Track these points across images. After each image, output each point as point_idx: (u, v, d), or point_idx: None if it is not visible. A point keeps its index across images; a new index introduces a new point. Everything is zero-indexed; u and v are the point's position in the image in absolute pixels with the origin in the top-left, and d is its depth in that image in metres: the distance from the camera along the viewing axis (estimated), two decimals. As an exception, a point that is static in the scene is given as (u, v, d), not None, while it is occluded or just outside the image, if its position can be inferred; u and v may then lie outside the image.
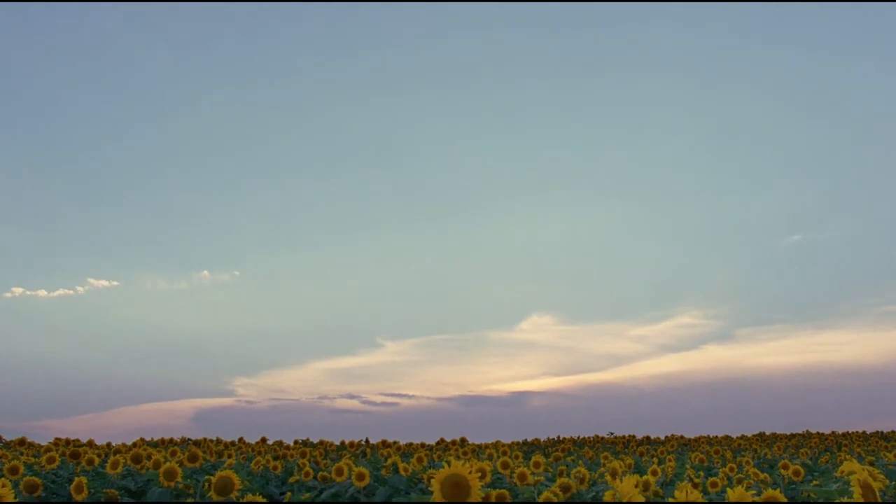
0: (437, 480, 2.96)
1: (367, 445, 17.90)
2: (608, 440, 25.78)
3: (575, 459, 14.47)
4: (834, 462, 14.45)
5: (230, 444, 16.32)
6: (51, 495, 8.35)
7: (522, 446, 22.80)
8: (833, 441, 24.27)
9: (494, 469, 8.97)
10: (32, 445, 14.56)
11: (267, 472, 11.19)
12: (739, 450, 19.75)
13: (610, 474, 8.53)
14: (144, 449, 10.92)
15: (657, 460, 13.21)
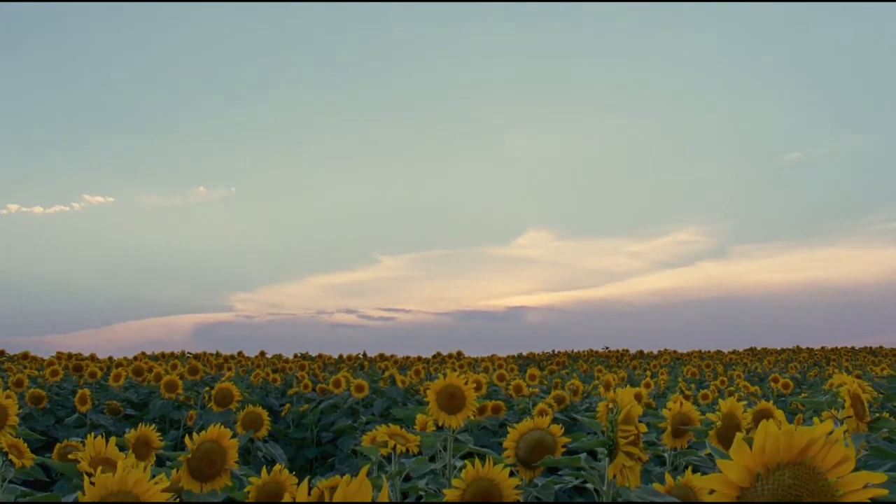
0: (433, 391, 2.98)
1: (365, 359, 18.21)
2: (602, 354, 26.24)
3: (569, 372, 14.74)
4: (822, 376, 14.73)
5: (230, 357, 16.57)
6: (55, 407, 8.50)
7: (518, 360, 23.22)
8: (822, 356, 24.73)
9: (490, 381, 9.13)
10: (35, 359, 14.75)
11: (266, 384, 11.38)
12: (731, 364, 20.13)
13: (603, 387, 8.70)
14: (146, 362, 11.06)
15: (650, 374, 13.46)
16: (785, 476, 1.01)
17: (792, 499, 1.00)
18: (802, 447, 1.03)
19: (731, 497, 1.02)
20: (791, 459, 1.03)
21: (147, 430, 3.48)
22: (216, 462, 2.66)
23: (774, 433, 1.03)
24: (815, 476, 1.03)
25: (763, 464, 1.03)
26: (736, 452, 1.03)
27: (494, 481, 2.34)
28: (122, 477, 1.72)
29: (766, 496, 1.00)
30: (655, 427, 3.88)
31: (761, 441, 1.03)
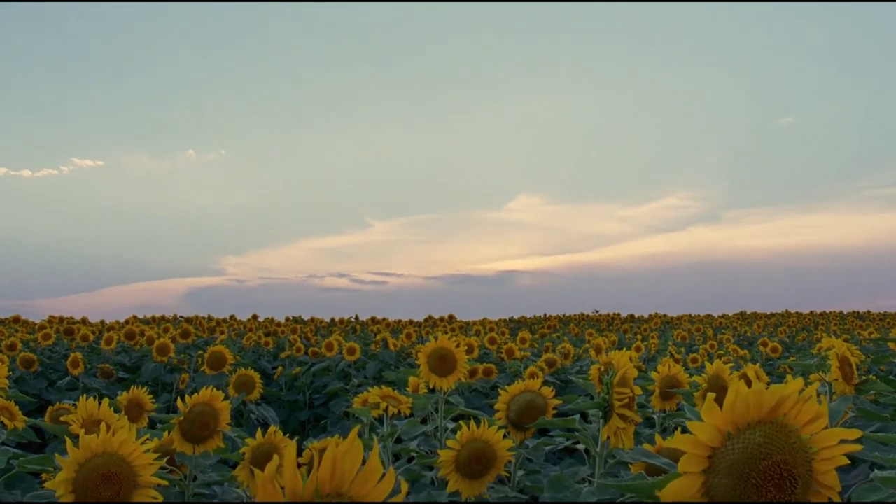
0: (424, 353, 2.98)
1: (357, 322, 18.25)
2: (593, 318, 26.39)
3: (560, 336, 14.83)
4: (811, 340, 14.86)
5: (222, 321, 16.58)
6: (48, 370, 8.50)
7: (509, 323, 23.34)
8: (810, 320, 24.94)
9: (482, 345, 9.17)
10: (27, 323, 14.72)
11: (259, 347, 11.41)
12: (720, 328, 20.28)
13: (594, 350, 8.75)
14: (137, 326, 11.06)
15: (640, 337, 13.55)
16: (755, 434, 1.01)
17: (762, 457, 0.99)
18: (773, 405, 1.03)
19: (702, 457, 1.01)
20: (762, 418, 1.03)
21: (139, 392, 3.48)
22: (208, 424, 2.66)
23: (744, 392, 1.02)
24: (787, 434, 1.02)
25: (733, 423, 1.02)
26: (706, 413, 1.02)
27: (489, 442, 2.35)
28: (107, 438, 1.71)
29: (737, 455, 1.00)
30: (645, 389, 3.91)
31: (731, 400, 1.02)
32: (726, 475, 1.01)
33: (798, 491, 1.00)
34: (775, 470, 0.99)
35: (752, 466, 1.00)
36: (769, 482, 0.99)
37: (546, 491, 2.15)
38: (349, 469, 0.83)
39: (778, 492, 0.99)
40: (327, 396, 7.50)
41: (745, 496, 1.00)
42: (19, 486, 2.93)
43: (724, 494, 1.01)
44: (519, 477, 2.92)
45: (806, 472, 1.03)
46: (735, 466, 1.00)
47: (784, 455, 1.00)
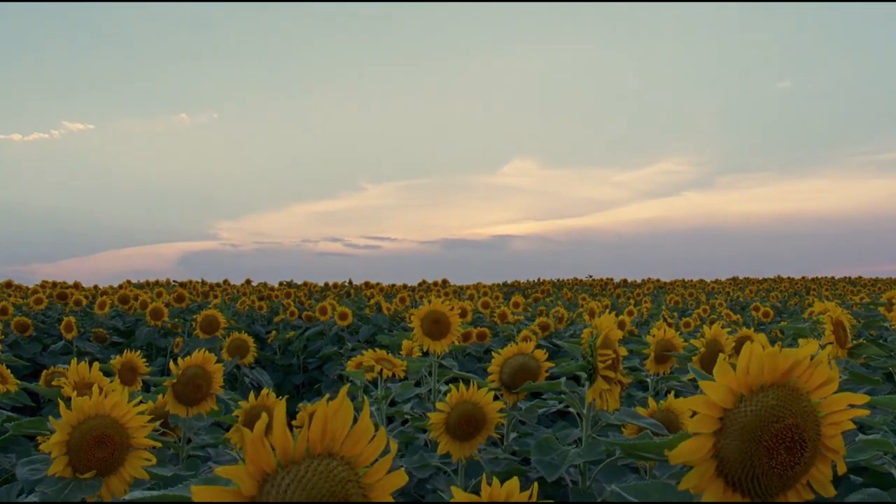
0: (417, 317, 2.98)
1: (351, 286, 18.27)
2: (586, 283, 26.47)
3: (554, 300, 14.88)
4: (802, 305, 14.95)
5: (215, 285, 16.56)
6: (41, 335, 8.50)
7: (503, 288, 23.38)
8: (802, 286, 25.06)
9: (475, 309, 9.19)
10: (20, 288, 14.69)
11: (252, 311, 11.42)
12: (713, 293, 20.37)
13: (588, 314, 8.79)
14: (131, 290, 11.05)
15: (633, 302, 13.61)
16: (769, 397, 1.01)
17: (775, 420, 0.99)
18: (786, 369, 1.03)
19: (714, 418, 1.01)
20: (775, 381, 1.03)
21: (133, 356, 3.48)
22: (201, 387, 2.66)
23: (759, 355, 1.02)
24: (799, 397, 1.02)
25: (747, 385, 1.02)
26: (720, 374, 1.02)
27: (479, 404, 2.36)
28: (100, 400, 1.71)
29: (750, 417, 1.00)
30: (639, 353, 3.92)
31: (745, 362, 1.02)
32: (738, 437, 1.00)
33: (807, 454, 1.00)
34: (787, 433, 0.99)
35: (764, 429, 0.99)
36: (780, 445, 0.99)
37: (533, 453, 2.16)
38: (340, 428, 0.83)
39: (788, 455, 0.99)
40: (321, 360, 7.53)
41: (756, 458, 1.00)
42: (14, 449, 2.94)
43: (734, 456, 1.01)
44: (511, 439, 2.94)
45: (815, 435, 1.03)
46: (747, 428, 1.00)
47: (796, 418, 1.00)
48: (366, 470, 0.86)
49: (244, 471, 0.76)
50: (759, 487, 1.02)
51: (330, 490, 0.80)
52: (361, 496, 0.84)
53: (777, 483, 1.02)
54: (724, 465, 1.02)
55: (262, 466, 0.78)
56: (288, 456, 0.80)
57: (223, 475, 0.75)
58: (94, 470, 1.71)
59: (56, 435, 1.70)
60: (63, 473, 1.71)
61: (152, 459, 1.81)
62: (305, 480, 0.79)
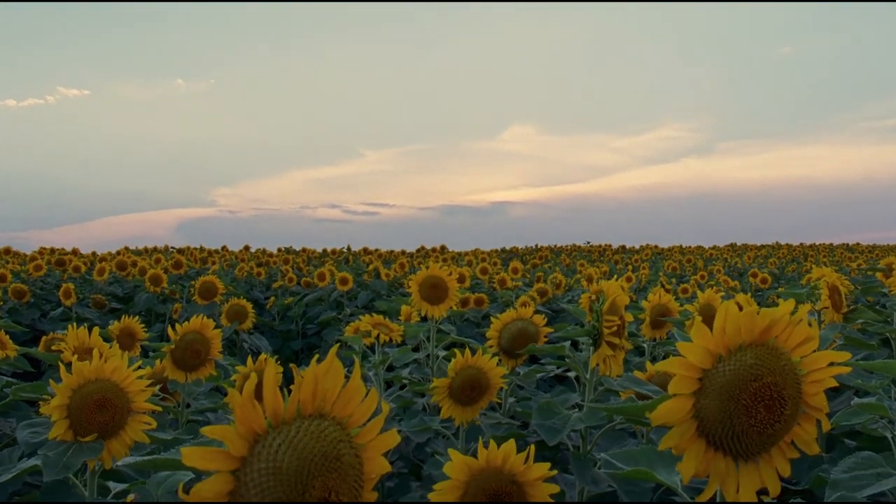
0: (415, 281, 2.98)
1: (349, 252, 18.27)
2: (584, 249, 26.48)
3: (552, 266, 14.90)
4: (800, 271, 14.99)
5: (213, 252, 16.56)
6: (40, 301, 8.51)
7: (501, 254, 23.38)
8: (800, 252, 25.10)
9: (474, 275, 9.20)
10: (18, 255, 14.67)
11: (251, 278, 11.44)
12: (711, 259, 20.40)
13: (586, 280, 8.80)
14: (129, 257, 11.04)
15: (631, 268, 13.63)
16: (746, 356, 1.01)
17: (753, 378, 0.99)
18: (764, 327, 1.02)
19: (692, 379, 1.02)
20: (753, 340, 1.03)
21: (131, 321, 3.48)
22: (200, 352, 2.66)
23: (735, 314, 1.02)
24: (778, 356, 1.02)
25: (724, 345, 1.02)
26: (696, 335, 1.02)
27: (483, 370, 2.37)
28: (100, 365, 1.71)
29: (728, 376, 1.00)
30: (636, 318, 3.94)
31: (721, 322, 1.02)
32: (717, 397, 1.01)
33: (787, 412, 1.01)
34: (765, 391, 0.99)
35: (742, 388, 1.00)
36: (759, 403, 0.99)
37: (534, 417, 2.17)
38: (331, 389, 0.82)
39: (768, 413, 0.99)
40: (320, 326, 7.56)
41: (735, 417, 1.00)
42: (15, 414, 2.96)
43: (714, 415, 1.01)
44: (510, 404, 2.96)
45: (795, 393, 1.03)
46: (726, 388, 1.00)
47: (774, 377, 1.00)
48: (358, 430, 0.86)
49: (234, 431, 0.76)
50: (739, 446, 1.03)
51: (321, 450, 0.79)
52: (354, 456, 0.84)
53: (758, 441, 1.03)
54: (705, 426, 1.03)
55: (253, 427, 0.77)
56: (278, 417, 0.80)
57: (212, 436, 0.74)
58: (94, 433, 1.71)
59: (57, 398, 1.70)
60: (64, 437, 1.72)
61: (152, 423, 1.82)
62: (297, 441, 0.79)
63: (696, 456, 1.03)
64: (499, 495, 1.45)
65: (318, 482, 0.78)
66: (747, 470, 1.05)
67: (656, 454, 1.37)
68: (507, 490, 1.45)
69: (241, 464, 0.78)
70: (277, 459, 0.77)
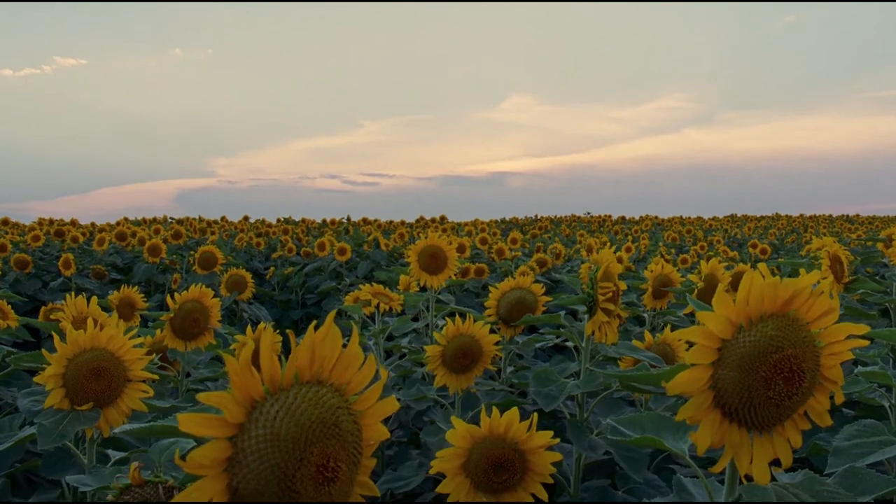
0: (414, 251, 2.96)
1: (349, 223, 18.24)
2: (584, 219, 26.45)
3: (552, 237, 14.89)
4: (800, 242, 14.98)
5: (213, 222, 16.53)
6: (41, 272, 8.50)
7: (501, 224, 23.36)
8: (800, 223, 25.08)
9: (473, 245, 9.20)
10: (17, 225, 14.65)
11: (250, 248, 11.43)
12: (711, 230, 20.39)
13: (586, 250, 8.80)
14: (128, 227, 11.03)
15: (631, 238, 13.62)
16: (768, 327, 1.00)
17: (774, 350, 0.98)
18: (787, 298, 1.01)
19: (712, 349, 1.00)
20: (774, 311, 1.01)
21: (130, 291, 3.48)
22: (199, 321, 2.66)
23: (759, 284, 1.00)
24: (798, 327, 1.01)
25: (746, 315, 1.00)
26: (718, 304, 1.00)
27: (475, 337, 2.36)
28: (95, 333, 1.70)
29: (748, 347, 0.99)
30: (636, 289, 3.93)
31: (745, 292, 1.00)
32: (736, 367, 1.00)
33: (805, 384, 1.00)
34: (785, 363, 0.98)
35: (762, 359, 0.99)
36: (779, 375, 0.98)
37: (531, 384, 2.17)
38: (328, 355, 0.81)
39: (786, 385, 0.98)
40: (319, 296, 7.56)
41: (753, 388, 0.99)
42: (16, 383, 2.97)
43: (732, 387, 1.00)
44: (508, 372, 2.96)
45: (814, 365, 1.02)
46: (745, 359, 0.99)
47: (795, 349, 0.99)
48: (356, 397, 0.85)
49: (230, 397, 0.75)
50: (756, 417, 1.02)
51: (319, 416, 0.79)
52: (352, 423, 0.83)
53: (774, 413, 1.02)
54: (722, 396, 1.02)
55: (250, 393, 0.76)
56: (276, 383, 0.79)
57: (208, 402, 0.73)
58: (91, 402, 1.71)
59: (51, 367, 1.69)
60: (60, 405, 1.71)
61: (150, 392, 1.81)
62: (294, 407, 0.78)
63: (711, 426, 1.02)
64: (501, 462, 1.46)
65: (317, 449, 0.78)
66: (761, 441, 1.04)
67: (663, 421, 1.36)
68: (509, 457, 1.46)
69: (239, 431, 0.77)
70: (275, 426, 0.77)
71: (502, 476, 1.45)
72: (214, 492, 0.74)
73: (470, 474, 1.46)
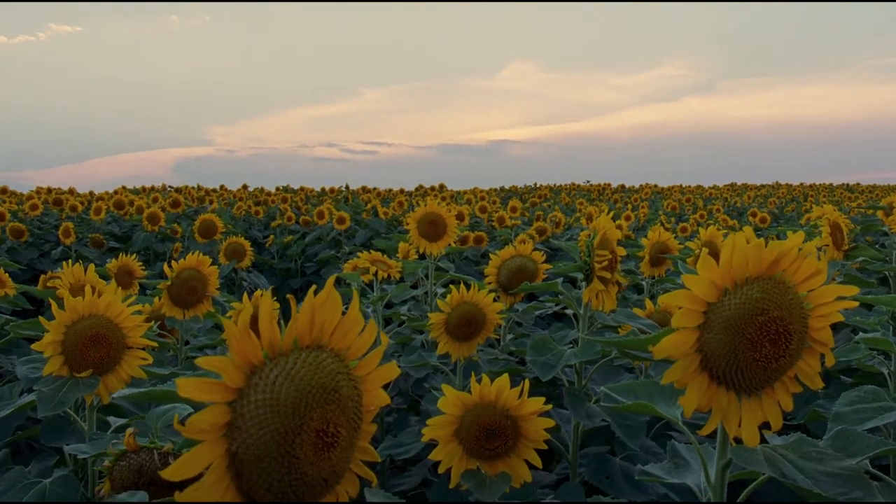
0: (413, 218, 2.95)
1: (348, 191, 18.18)
2: (584, 188, 26.38)
3: (551, 205, 14.86)
4: (799, 211, 14.96)
5: (211, 191, 16.47)
6: (39, 241, 8.49)
7: (500, 193, 23.29)
8: (800, 192, 25.02)
9: (473, 213, 9.17)
10: (15, 194, 14.60)
11: (249, 217, 11.40)
12: (710, 199, 20.35)
13: (585, 219, 8.78)
14: (126, 196, 10.99)
15: (631, 207, 13.59)
16: (753, 290, 0.99)
17: (759, 313, 0.98)
18: (772, 260, 1.00)
19: (697, 312, 1.00)
20: (760, 273, 1.01)
21: (129, 259, 3.47)
22: (197, 289, 2.65)
23: (743, 247, 0.99)
24: (785, 289, 1.01)
25: (731, 278, 1.00)
26: (703, 267, 0.99)
27: (479, 305, 2.36)
28: (93, 300, 1.69)
29: (734, 310, 0.98)
30: (635, 257, 3.92)
31: (728, 255, 0.99)
32: (722, 330, 0.99)
33: (792, 346, 0.99)
34: (771, 326, 0.98)
35: (748, 322, 0.98)
36: (764, 338, 0.98)
37: (529, 353, 2.17)
38: (328, 320, 0.80)
39: (773, 347, 0.98)
40: (319, 264, 7.56)
41: (739, 351, 0.99)
42: (15, 351, 2.97)
43: (718, 350, 1.00)
44: (508, 340, 2.96)
45: (801, 328, 1.01)
46: (731, 322, 0.99)
47: (781, 311, 0.99)
48: (356, 362, 0.84)
49: (230, 362, 0.74)
50: (743, 380, 1.02)
51: (319, 382, 0.78)
52: (352, 388, 0.82)
53: (762, 376, 1.02)
54: (708, 359, 1.02)
55: (249, 358, 0.76)
56: (275, 348, 0.78)
57: (206, 366, 0.72)
58: (90, 369, 1.71)
59: (49, 334, 1.69)
60: (59, 372, 1.71)
61: (149, 359, 1.81)
62: (294, 372, 0.77)
63: (698, 390, 1.02)
64: (493, 429, 1.46)
65: (317, 414, 0.77)
66: (750, 404, 1.04)
67: (657, 388, 1.36)
68: (501, 424, 1.45)
69: (238, 396, 0.76)
70: (275, 391, 0.76)
71: (494, 443, 1.45)
72: (213, 457, 0.73)
73: (462, 441, 1.46)
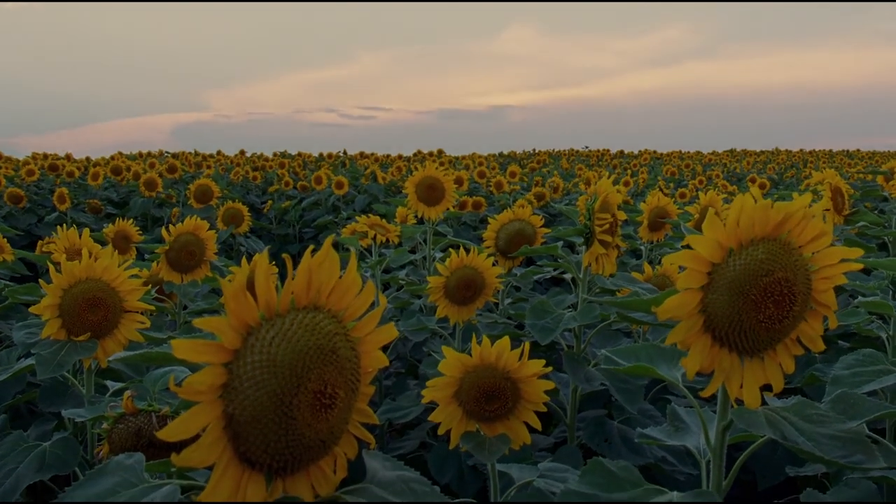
0: (412, 182, 2.93)
1: (346, 157, 18.09)
2: (583, 154, 26.28)
3: (550, 171, 14.80)
4: (799, 177, 14.93)
5: (208, 156, 16.39)
6: (36, 206, 8.46)
7: (499, 158, 23.20)
8: (799, 158, 24.95)
9: (471, 178, 9.14)
10: (10, 160, 14.52)
11: (247, 182, 11.36)
12: (710, 164, 20.29)
13: (584, 184, 8.75)
14: (123, 161, 10.93)
15: (630, 172, 13.54)
16: (758, 251, 0.98)
17: (764, 274, 0.97)
18: (778, 221, 0.99)
19: (702, 273, 0.99)
20: (766, 234, 0.99)
21: (126, 224, 3.45)
22: (195, 253, 2.64)
23: (750, 207, 0.98)
24: (790, 251, 1.00)
25: (736, 239, 0.99)
26: (708, 227, 0.98)
27: (478, 269, 2.35)
28: (90, 264, 1.68)
29: (738, 271, 0.97)
30: (633, 222, 3.91)
31: (735, 215, 0.98)
32: (726, 291, 0.98)
33: (796, 308, 0.98)
34: (776, 287, 0.97)
35: (752, 283, 0.97)
36: (769, 299, 0.97)
37: (528, 317, 2.17)
38: (326, 280, 0.79)
39: (777, 308, 0.97)
40: (317, 229, 7.54)
41: (743, 312, 0.98)
42: (14, 316, 2.98)
43: (722, 310, 0.99)
44: (506, 304, 2.96)
45: (805, 289, 1.01)
46: (735, 283, 0.98)
47: (786, 272, 0.98)
48: (354, 324, 0.84)
49: (226, 322, 0.73)
50: (746, 341, 1.01)
51: (316, 343, 0.77)
52: (350, 349, 0.81)
53: (765, 337, 1.02)
54: (712, 320, 1.01)
55: (245, 319, 0.75)
56: (272, 309, 0.77)
57: (202, 327, 0.72)
58: (88, 332, 1.70)
59: (47, 298, 1.68)
60: (57, 336, 1.71)
61: (146, 322, 1.81)
62: (290, 333, 0.76)
63: (701, 351, 1.01)
64: (493, 391, 1.46)
65: (314, 374, 0.76)
66: (752, 366, 1.04)
67: (657, 350, 1.36)
68: (501, 386, 1.45)
69: (234, 357, 0.76)
70: (272, 352, 0.75)
71: (494, 405, 1.45)
72: (210, 418, 0.73)
73: (462, 403, 1.46)
